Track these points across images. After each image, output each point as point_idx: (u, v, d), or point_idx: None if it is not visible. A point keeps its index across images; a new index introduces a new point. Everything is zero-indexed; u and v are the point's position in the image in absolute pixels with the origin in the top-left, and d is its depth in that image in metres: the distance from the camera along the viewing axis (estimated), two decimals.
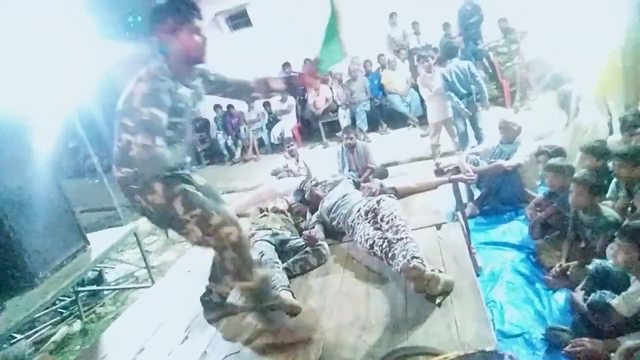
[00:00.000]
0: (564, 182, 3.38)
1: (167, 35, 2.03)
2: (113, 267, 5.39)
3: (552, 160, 3.63)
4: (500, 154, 4.32)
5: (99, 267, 4.89)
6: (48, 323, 4.29)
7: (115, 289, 4.84)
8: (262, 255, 2.85)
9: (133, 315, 3.05)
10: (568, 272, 2.90)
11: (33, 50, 4.26)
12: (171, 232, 2.15)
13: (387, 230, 2.65)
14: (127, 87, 1.98)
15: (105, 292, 4.82)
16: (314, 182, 3.91)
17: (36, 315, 3.83)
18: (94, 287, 4.78)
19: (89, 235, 4.02)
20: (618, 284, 2.36)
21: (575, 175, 3.02)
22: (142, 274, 5.02)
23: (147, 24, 2.17)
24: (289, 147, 6.23)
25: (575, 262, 2.93)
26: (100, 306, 4.55)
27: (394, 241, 2.52)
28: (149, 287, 4.27)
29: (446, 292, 2.21)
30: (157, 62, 2.02)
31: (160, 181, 1.93)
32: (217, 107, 10.01)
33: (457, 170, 3.97)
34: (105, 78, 10.47)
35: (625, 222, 2.48)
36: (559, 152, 3.90)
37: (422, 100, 7.77)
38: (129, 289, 4.80)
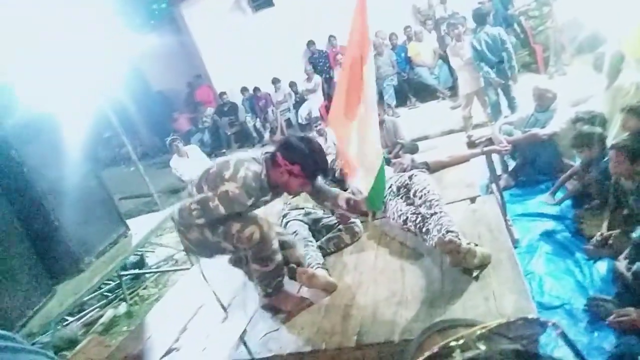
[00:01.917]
0: (593, 152, 3.27)
1: (283, 168, 2.25)
2: (153, 251, 5.58)
3: (576, 133, 3.49)
4: (535, 122, 4.18)
5: (140, 251, 5.07)
6: (96, 306, 4.50)
7: (157, 272, 5.01)
8: (295, 234, 2.89)
9: (175, 297, 3.16)
10: (610, 241, 2.82)
11: (66, 43, 4.37)
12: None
13: (421, 206, 2.62)
14: (220, 164, 2.25)
15: (147, 275, 5.00)
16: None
17: (85, 299, 4.02)
18: (137, 271, 4.96)
19: (128, 222, 4.16)
20: None
21: (614, 141, 2.90)
22: (181, 257, 5.17)
23: (277, 152, 2.29)
24: (316, 126, 6.23)
25: (618, 231, 2.84)
26: (143, 289, 4.73)
27: (428, 216, 2.50)
28: (188, 269, 4.40)
29: (483, 265, 2.19)
30: (259, 166, 2.25)
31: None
32: (244, 90, 10.06)
33: (490, 141, 3.87)
34: (134, 68, 10.70)
35: None
36: (597, 118, 3.74)
37: (450, 72, 7.59)
38: (169, 271, 4.96)
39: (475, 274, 2.17)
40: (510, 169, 4.38)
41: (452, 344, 0.53)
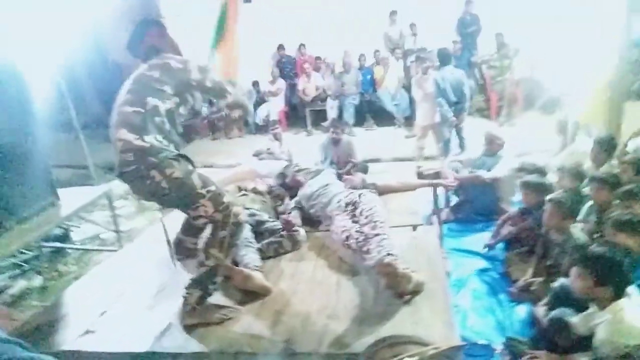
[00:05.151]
0: (537, 199, 3.47)
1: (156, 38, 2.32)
2: (79, 227, 5.27)
3: (529, 177, 3.72)
4: (482, 165, 4.39)
5: (66, 224, 4.78)
6: (6, 274, 4.18)
7: (81, 249, 4.74)
8: None
9: (98, 277, 3.00)
10: (532, 287, 2.99)
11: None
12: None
13: (365, 225, 2.67)
14: (162, 63, 2.20)
15: (69, 250, 4.71)
16: (296, 168, 3.90)
17: None
18: (59, 245, 4.66)
19: (59, 191, 3.91)
20: (579, 303, 2.44)
21: (552, 195, 3.10)
22: (109, 237, 4.93)
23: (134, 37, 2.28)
24: (273, 129, 6.16)
25: (541, 279, 3.01)
26: (63, 264, 4.45)
27: (371, 236, 2.54)
28: (115, 250, 4.20)
29: (416, 291, 2.25)
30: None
31: (175, 159, 2.10)
32: None
33: (437, 175, 4.03)
34: (92, 32, 10.17)
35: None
36: (540, 171, 4.00)
37: (410, 102, 7.83)
38: (95, 250, 4.71)
39: (407, 298, 2.24)
40: (452, 204, 4.56)
41: (406, 359, 0.55)
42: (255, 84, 9.37)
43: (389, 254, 2.33)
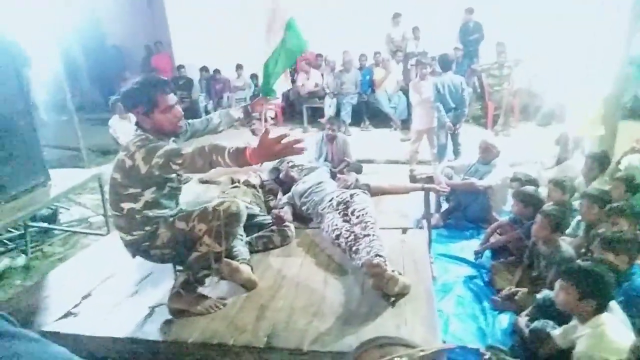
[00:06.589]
0: (529, 210, 3.50)
1: (142, 116, 2.17)
2: (68, 209, 5.23)
3: (523, 188, 3.75)
4: (475, 172, 4.41)
5: (55, 205, 4.74)
6: None
7: (68, 231, 4.70)
8: None
9: (84, 261, 2.98)
10: (516, 297, 3.01)
11: None
12: None
13: (356, 225, 2.68)
14: (120, 162, 2.11)
15: (55, 232, 4.68)
16: (291, 164, 3.90)
17: None
18: (46, 225, 4.62)
19: (50, 172, 3.88)
20: (561, 316, 2.46)
21: (543, 207, 3.12)
22: (97, 221, 4.90)
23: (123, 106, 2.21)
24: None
25: (525, 289, 3.03)
26: (49, 245, 4.41)
27: (361, 236, 2.55)
28: (103, 235, 4.17)
29: (402, 294, 2.26)
30: (138, 135, 2.14)
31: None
32: (203, 69, 9.81)
33: (430, 179, 4.04)
34: (92, 15, 10.11)
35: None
36: (533, 182, 4.03)
37: (408, 106, 7.84)
38: (82, 233, 4.67)
39: (392, 300, 2.24)
40: (442, 209, 4.58)
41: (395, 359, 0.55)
42: (254, 76, 9.34)
43: (377, 255, 2.34)
